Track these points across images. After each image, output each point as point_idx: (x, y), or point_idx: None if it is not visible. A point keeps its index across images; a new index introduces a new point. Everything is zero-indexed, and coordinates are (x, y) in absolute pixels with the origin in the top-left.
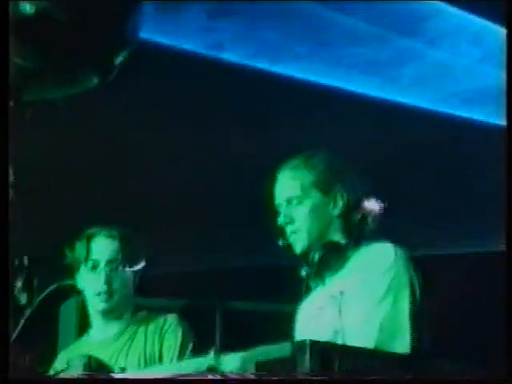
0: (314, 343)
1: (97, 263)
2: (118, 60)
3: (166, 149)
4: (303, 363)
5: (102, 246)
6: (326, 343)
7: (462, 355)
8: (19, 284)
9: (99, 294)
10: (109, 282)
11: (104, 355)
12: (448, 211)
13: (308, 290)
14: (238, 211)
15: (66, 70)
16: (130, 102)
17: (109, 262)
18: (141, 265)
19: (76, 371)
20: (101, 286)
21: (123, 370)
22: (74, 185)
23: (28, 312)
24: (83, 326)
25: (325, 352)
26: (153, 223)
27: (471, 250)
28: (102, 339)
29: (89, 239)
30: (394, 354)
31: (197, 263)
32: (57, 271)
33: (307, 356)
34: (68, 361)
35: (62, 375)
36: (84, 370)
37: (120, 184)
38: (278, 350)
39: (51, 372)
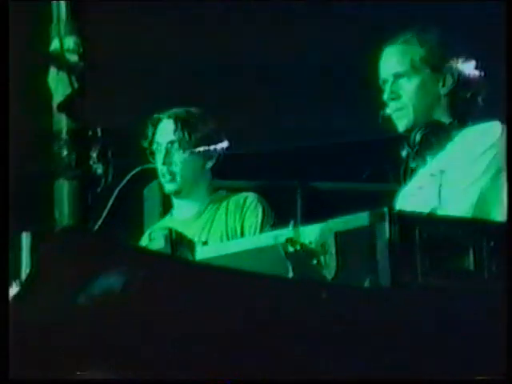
0: (393, 211)
1: (159, 145)
2: None
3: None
4: (383, 231)
5: (164, 128)
6: (406, 212)
7: None
8: (94, 155)
9: (163, 175)
10: (168, 162)
11: (187, 232)
12: None
13: (408, 170)
14: (327, 85)
15: None
16: None
17: (168, 143)
18: (211, 150)
19: (158, 244)
20: (161, 167)
21: (205, 243)
22: (142, 66)
23: (114, 193)
24: (166, 207)
25: (405, 219)
26: (231, 104)
27: None
28: (185, 218)
29: (156, 122)
30: (477, 220)
31: (279, 143)
32: (135, 151)
33: (386, 224)
34: (150, 234)
35: (148, 247)
36: (165, 242)
37: (193, 63)
38: (356, 219)
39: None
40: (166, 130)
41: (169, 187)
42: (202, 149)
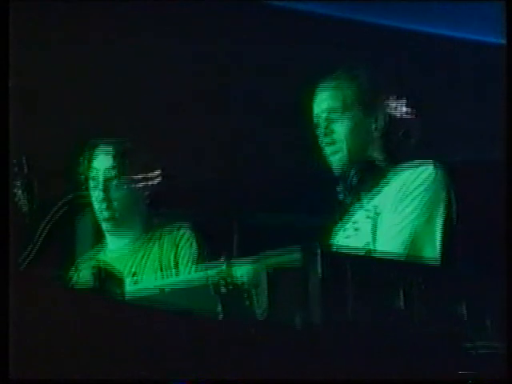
0: (325, 252)
1: (96, 181)
2: None
3: (180, 54)
4: (315, 271)
5: (100, 164)
6: (338, 252)
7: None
8: (18, 184)
9: (101, 211)
10: (107, 199)
11: (118, 263)
12: None
13: (344, 209)
14: (262, 120)
15: None
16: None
17: (107, 180)
18: (146, 180)
19: (85, 276)
20: (100, 204)
21: (134, 274)
22: (75, 93)
23: (42, 225)
24: (99, 237)
25: (336, 260)
26: (165, 135)
27: None
28: (116, 248)
29: (89, 156)
30: (410, 262)
31: (214, 175)
32: (63, 182)
33: (318, 259)
34: (77, 265)
35: (75, 279)
36: (93, 275)
37: (126, 94)
38: (288, 254)
39: (70, 284)
40: (104, 158)
41: (106, 224)
42: (139, 178)
